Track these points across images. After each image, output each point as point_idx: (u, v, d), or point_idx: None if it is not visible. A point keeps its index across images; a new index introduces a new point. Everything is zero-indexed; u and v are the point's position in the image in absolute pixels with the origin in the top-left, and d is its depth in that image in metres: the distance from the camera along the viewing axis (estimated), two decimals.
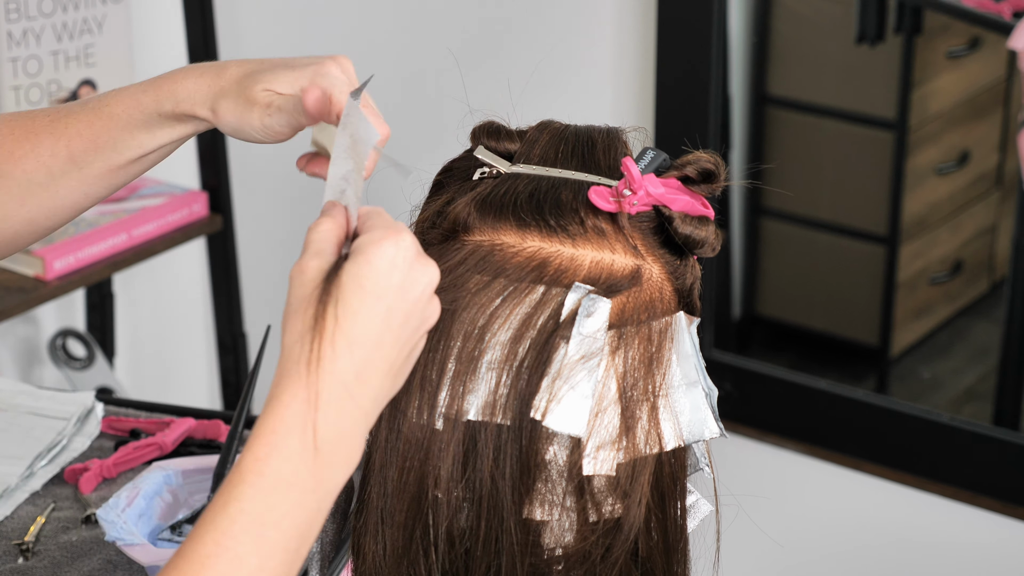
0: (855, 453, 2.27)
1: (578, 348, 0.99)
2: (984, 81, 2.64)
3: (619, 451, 0.99)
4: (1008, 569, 2.22)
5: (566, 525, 1.00)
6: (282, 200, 2.74)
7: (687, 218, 1.04)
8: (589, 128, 1.09)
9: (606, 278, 1.01)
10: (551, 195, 1.03)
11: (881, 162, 2.59)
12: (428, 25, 2.48)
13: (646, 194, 1.02)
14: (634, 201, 1.02)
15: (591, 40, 2.33)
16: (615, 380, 0.99)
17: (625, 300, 1.01)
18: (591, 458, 0.99)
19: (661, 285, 1.03)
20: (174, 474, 1.54)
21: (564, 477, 0.99)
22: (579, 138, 1.07)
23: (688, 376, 1.02)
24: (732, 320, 2.56)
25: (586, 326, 0.99)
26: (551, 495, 0.99)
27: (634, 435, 1.00)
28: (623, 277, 1.01)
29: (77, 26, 2.32)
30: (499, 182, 1.04)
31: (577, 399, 0.98)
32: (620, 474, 1.00)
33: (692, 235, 1.04)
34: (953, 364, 2.68)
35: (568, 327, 0.99)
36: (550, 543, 1.00)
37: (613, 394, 0.99)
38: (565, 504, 1.00)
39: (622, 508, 1.01)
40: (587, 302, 1.00)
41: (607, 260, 1.02)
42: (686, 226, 1.04)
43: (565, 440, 0.99)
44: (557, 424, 0.98)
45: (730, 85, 2.40)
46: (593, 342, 0.99)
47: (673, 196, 1.03)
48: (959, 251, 2.72)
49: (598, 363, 0.99)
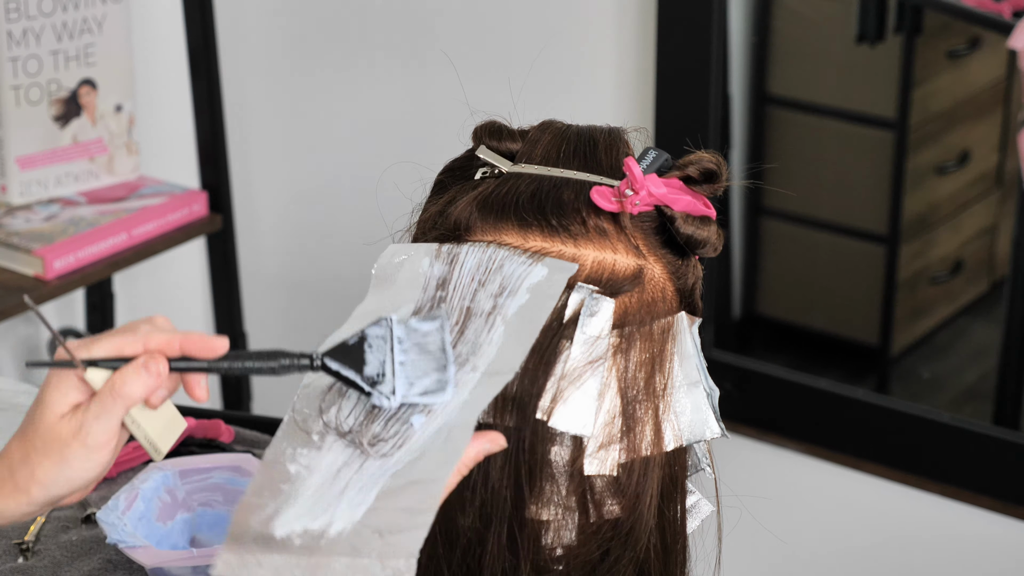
0: (855, 453, 2.27)
1: (582, 349, 0.99)
2: (984, 81, 2.64)
3: (621, 451, 0.99)
4: (1008, 569, 2.22)
5: (568, 524, 1.00)
6: (282, 200, 2.74)
7: (689, 218, 1.04)
8: (591, 128, 1.09)
9: (608, 278, 1.01)
10: (553, 195, 1.02)
11: (881, 162, 2.59)
12: (428, 25, 2.48)
13: (648, 194, 1.02)
14: (636, 201, 1.01)
15: (591, 40, 2.33)
16: (617, 380, 0.99)
17: (628, 300, 1.01)
18: (593, 458, 0.99)
19: (663, 285, 1.03)
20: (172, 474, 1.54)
21: (567, 477, 0.99)
22: (581, 138, 1.07)
23: (690, 376, 1.02)
24: (732, 320, 2.56)
25: (590, 326, 0.99)
26: (555, 495, 0.99)
27: (635, 435, 1.00)
28: (625, 277, 1.01)
29: (77, 26, 2.32)
30: (501, 182, 1.04)
31: (582, 399, 0.98)
32: (621, 475, 1.00)
33: (694, 235, 1.04)
34: (953, 364, 2.68)
35: (572, 327, 0.99)
36: (552, 542, 1.00)
37: (615, 394, 0.99)
38: (568, 504, 0.99)
39: (627, 510, 1.00)
40: (590, 302, 0.99)
41: (609, 260, 1.01)
42: (688, 226, 1.03)
43: (568, 440, 0.99)
44: (563, 424, 0.98)
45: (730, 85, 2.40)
46: (597, 342, 0.99)
47: (675, 196, 1.03)
48: (959, 251, 2.72)
49: (602, 363, 0.99)
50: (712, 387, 1.05)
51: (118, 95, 2.40)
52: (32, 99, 2.31)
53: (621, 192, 1.02)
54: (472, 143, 1.09)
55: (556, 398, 0.98)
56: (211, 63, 2.44)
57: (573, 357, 0.99)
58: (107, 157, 2.40)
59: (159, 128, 2.58)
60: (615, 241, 1.02)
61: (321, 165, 2.69)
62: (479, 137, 1.08)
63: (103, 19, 2.34)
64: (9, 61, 2.26)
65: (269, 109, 2.69)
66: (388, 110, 2.57)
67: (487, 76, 2.44)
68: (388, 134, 2.58)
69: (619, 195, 1.02)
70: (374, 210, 2.23)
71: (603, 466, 0.99)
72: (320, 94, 2.63)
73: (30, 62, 2.29)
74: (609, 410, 0.99)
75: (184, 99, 2.53)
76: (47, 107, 2.32)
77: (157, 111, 2.57)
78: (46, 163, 2.34)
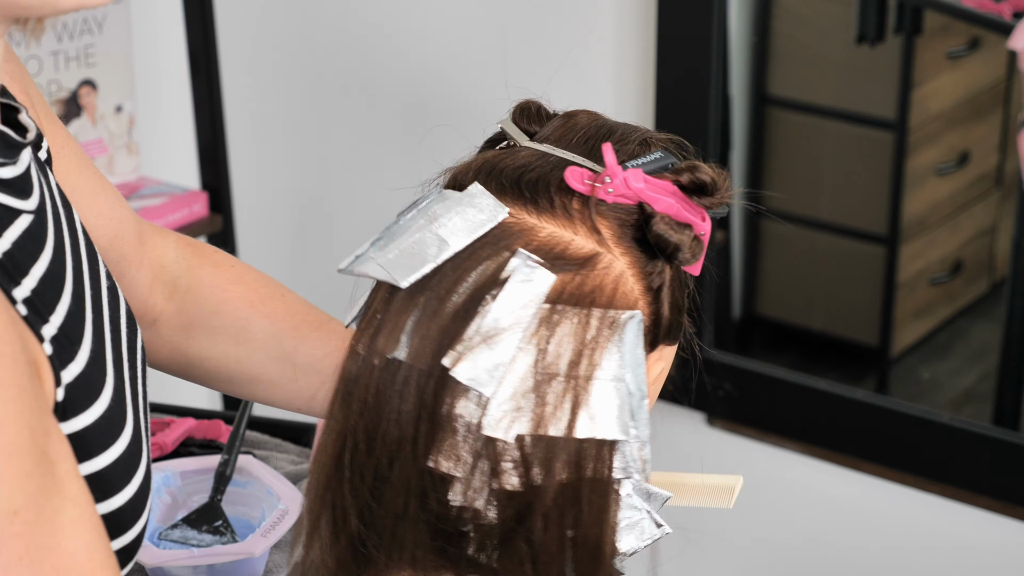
0: (855, 453, 2.27)
1: (504, 311, 0.99)
2: (984, 81, 2.64)
3: (527, 423, 1.00)
4: (1008, 569, 2.22)
5: (474, 486, 1.00)
6: (282, 200, 2.74)
7: (665, 219, 1.03)
8: (621, 124, 1.10)
9: (557, 254, 1.01)
10: (539, 170, 1.04)
11: (881, 162, 2.59)
12: (428, 26, 2.49)
13: (624, 184, 1.02)
14: (610, 189, 1.02)
15: (591, 40, 2.33)
16: (537, 352, 1.00)
17: (568, 279, 1.01)
18: (494, 420, 0.99)
19: (622, 278, 1.03)
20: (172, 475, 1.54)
21: (471, 435, 1.00)
22: (600, 128, 1.08)
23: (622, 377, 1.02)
24: (732, 320, 2.56)
25: (518, 292, 1.00)
26: (457, 450, 1.00)
27: (545, 412, 1.00)
28: (575, 257, 1.02)
29: (77, 26, 2.32)
30: (507, 152, 1.06)
31: (491, 358, 0.99)
32: (528, 448, 1.00)
33: (664, 235, 1.03)
34: (953, 364, 2.68)
35: (501, 287, 1.00)
36: (458, 500, 1.01)
37: (531, 365, 1.00)
38: (476, 465, 1.00)
39: (525, 486, 1.01)
40: (526, 270, 1.00)
41: (566, 238, 1.02)
42: (660, 225, 1.03)
43: (476, 397, 0.99)
44: (464, 376, 0.99)
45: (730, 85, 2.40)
46: (522, 309, 1.00)
47: (656, 196, 1.03)
48: (959, 251, 2.72)
49: (522, 331, 0.99)
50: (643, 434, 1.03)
51: (118, 96, 2.40)
52: None
53: (601, 179, 1.02)
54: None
55: (465, 351, 0.99)
56: (211, 63, 2.44)
57: (492, 316, 0.99)
58: (107, 158, 2.40)
59: (159, 129, 2.58)
60: (577, 223, 1.02)
61: (321, 165, 2.69)
62: (513, 113, 1.10)
63: (103, 20, 2.34)
64: None
65: (269, 109, 2.69)
66: (389, 112, 2.57)
67: (487, 76, 2.44)
68: (389, 135, 2.58)
69: (594, 180, 1.03)
70: (374, 211, 2.23)
71: (504, 432, 1.00)
72: (320, 94, 2.63)
73: (30, 62, 2.29)
74: (522, 378, 1.00)
75: (184, 99, 2.53)
76: None
77: (157, 111, 2.57)
78: None
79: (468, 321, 0.99)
